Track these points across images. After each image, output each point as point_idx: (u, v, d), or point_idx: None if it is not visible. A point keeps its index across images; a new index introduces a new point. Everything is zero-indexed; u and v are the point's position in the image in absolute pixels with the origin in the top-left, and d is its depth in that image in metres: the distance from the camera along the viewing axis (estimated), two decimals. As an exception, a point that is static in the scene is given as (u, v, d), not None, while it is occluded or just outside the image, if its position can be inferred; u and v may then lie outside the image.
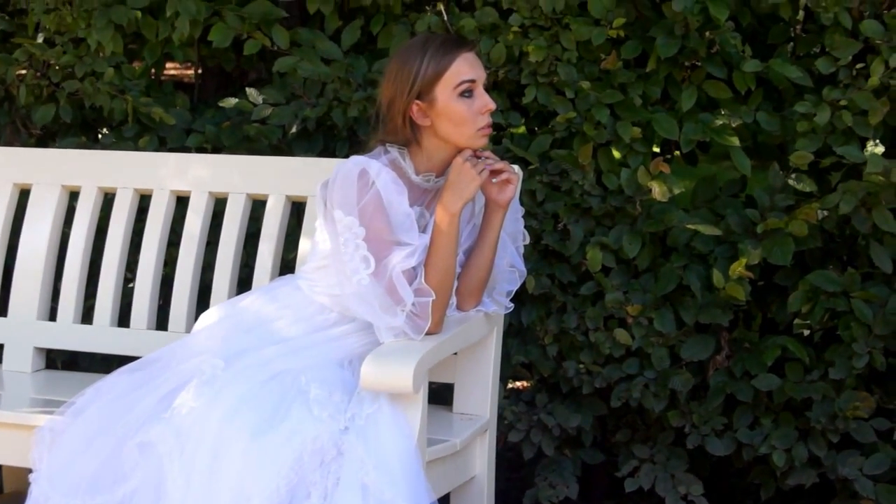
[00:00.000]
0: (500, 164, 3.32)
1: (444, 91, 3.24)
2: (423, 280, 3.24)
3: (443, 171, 3.34)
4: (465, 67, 3.26)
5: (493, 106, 3.28)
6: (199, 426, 3.05)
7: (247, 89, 4.40)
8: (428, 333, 3.24)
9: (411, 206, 3.28)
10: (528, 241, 3.59)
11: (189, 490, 3.01)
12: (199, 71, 4.82)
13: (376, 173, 3.24)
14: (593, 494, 4.34)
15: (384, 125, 3.33)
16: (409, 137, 3.30)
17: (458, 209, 3.24)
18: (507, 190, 3.33)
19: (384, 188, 3.23)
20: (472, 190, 3.25)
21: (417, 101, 3.25)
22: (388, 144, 3.34)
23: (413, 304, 3.22)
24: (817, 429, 3.84)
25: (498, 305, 3.52)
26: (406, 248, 3.23)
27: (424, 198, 3.37)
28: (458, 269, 3.36)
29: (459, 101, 3.25)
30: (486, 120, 3.28)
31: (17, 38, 4.55)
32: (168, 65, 4.97)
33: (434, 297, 3.23)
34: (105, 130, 4.66)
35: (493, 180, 3.33)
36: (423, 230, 3.30)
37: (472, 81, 3.26)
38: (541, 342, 4.08)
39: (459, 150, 3.28)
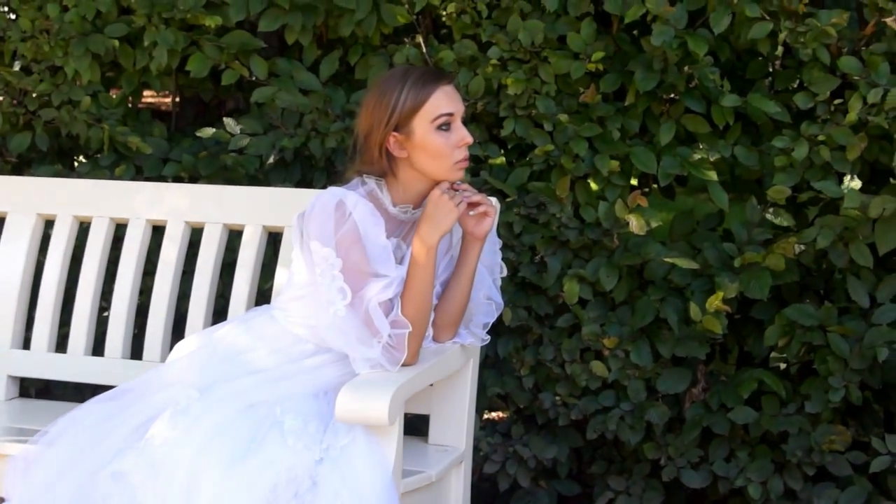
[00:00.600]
0: (477, 197, 3.34)
1: (422, 124, 3.26)
2: (399, 312, 3.25)
3: (420, 202, 3.35)
4: (444, 100, 3.27)
5: (470, 140, 3.29)
6: (174, 457, 3.04)
7: (224, 119, 4.41)
8: (404, 365, 3.25)
9: (388, 237, 3.29)
10: (505, 273, 3.60)
11: (163, 521, 3.02)
12: (177, 100, 4.83)
13: (353, 204, 3.25)
14: (569, 528, 4.36)
15: (361, 156, 3.34)
16: (385, 169, 3.31)
17: (435, 241, 3.26)
18: (484, 222, 3.34)
19: (361, 219, 3.25)
20: (449, 222, 3.26)
21: (395, 133, 3.26)
22: (365, 175, 3.35)
23: (389, 336, 3.23)
24: (793, 462, 3.86)
25: (474, 337, 3.52)
26: (383, 279, 3.24)
27: (401, 229, 3.38)
28: (435, 301, 3.38)
29: (437, 135, 3.26)
30: (464, 153, 3.29)
31: (-7, 65, 4.57)
32: (145, 94, 4.98)
33: (410, 329, 3.24)
34: (81, 159, 4.67)
35: (471, 213, 3.34)
36: (399, 262, 3.32)
37: (451, 115, 3.27)
38: (517, 374, 4.09)
39: (436, 183, 3.30)
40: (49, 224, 4.12)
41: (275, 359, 3.35)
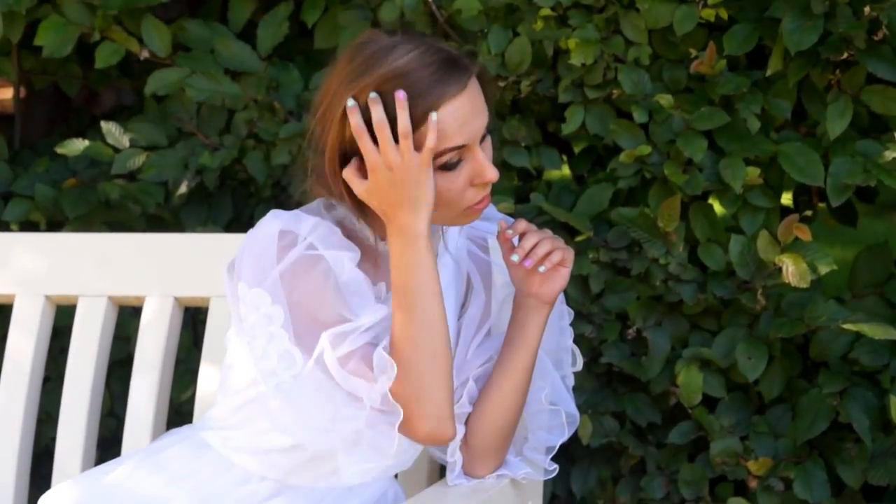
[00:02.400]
0: (545, 246, 3.28)
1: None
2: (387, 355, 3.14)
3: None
4: (455, 122, 3.11)
5: (494, 176, 3.17)
6: None
7: (102, 124, 4.44)
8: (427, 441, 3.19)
9: (373, 283, 3.23)
10: (580, 364, 3.57)
11: None
12: (22, 96, 4.87)
13: (309, 229, 3.18)
14: None
15: (314, 169, 3.24)
16: (345, 201, 3.21)
17: (424, 227, 3.14)
18: (556, 277, 3.31)
19: (321, 243, 3.18)
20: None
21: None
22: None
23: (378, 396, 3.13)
24: None
25: (533, 467, 3.49)
26: (350, 323, 3.16)
27: (389, 272, 3.25)
28: (468, 409, 3.38)
29: (439, 176, 3.14)
30: (482, 193, 3.21)
31: None
32: (-32, 86, 5.03)
33: (395, 370, 3.12)
34: None
35: (541, 269, 3.29)
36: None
37: (462, 148, 3.15)
38: (606, 525, 4.13)
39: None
40: None
41: (206, 512, 3.35)
